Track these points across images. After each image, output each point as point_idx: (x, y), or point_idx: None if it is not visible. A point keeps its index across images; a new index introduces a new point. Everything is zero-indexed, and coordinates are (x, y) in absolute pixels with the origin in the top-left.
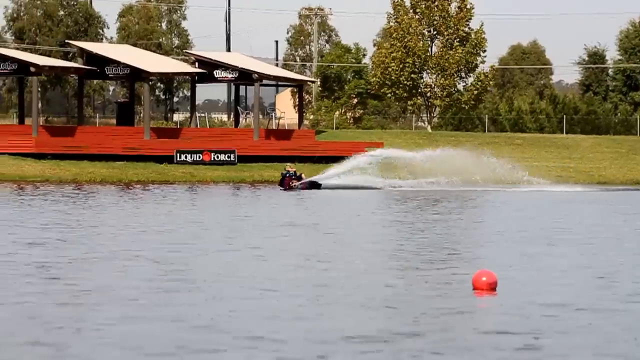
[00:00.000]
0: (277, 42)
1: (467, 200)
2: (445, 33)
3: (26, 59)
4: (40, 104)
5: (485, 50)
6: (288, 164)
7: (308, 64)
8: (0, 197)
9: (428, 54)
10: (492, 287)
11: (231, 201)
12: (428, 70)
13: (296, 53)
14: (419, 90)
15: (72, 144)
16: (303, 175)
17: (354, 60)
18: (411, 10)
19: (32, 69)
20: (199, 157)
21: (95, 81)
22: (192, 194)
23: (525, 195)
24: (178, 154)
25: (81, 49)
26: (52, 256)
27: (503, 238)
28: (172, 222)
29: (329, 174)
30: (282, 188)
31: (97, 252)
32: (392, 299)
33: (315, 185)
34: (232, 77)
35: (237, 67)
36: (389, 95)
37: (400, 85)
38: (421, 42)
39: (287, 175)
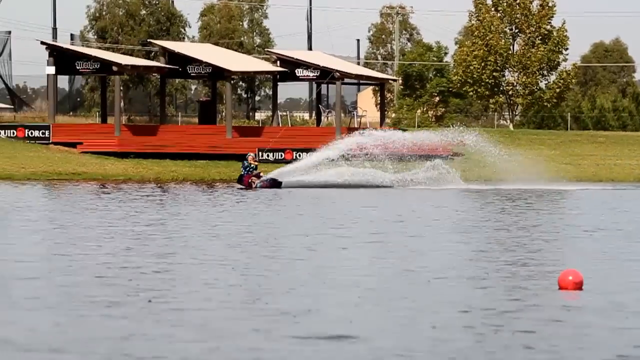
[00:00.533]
0: (358, 40)
1: (539, 198)
2: (527, 31)
3: (108, 58)
4: (122, 103)
5: (567, 48)
6: (251, 154)
7: (389, 62)
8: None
9: (510, 52)
10: (578, 287)
11: (313, 202)
12: (510, 69)
13: (377, 51)
14: (501, 88)
15: (154, 143)
16: (261, 173)
17: (435, 59)
18: (493, 9)
19: (115, 68)
20: (281, 155)
21: (177, 80)
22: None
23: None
24: (260, 153)
25: (163, 48)
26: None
27: (587, 236)
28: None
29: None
30: (241, 186)
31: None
32: (476, 296)
33: (276, 184)
34: (313, 76)
35: (319, 65)
36: (471, 93)
37: (482, 84)
38: (503, 40)
39: (248, 172)
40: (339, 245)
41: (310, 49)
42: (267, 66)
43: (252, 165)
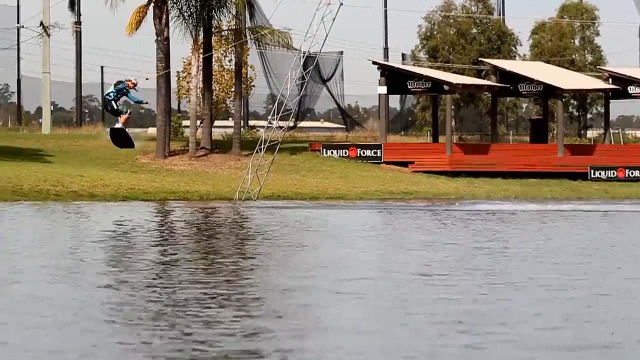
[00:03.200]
0: None
1: None
2: None
3: (440, 77)
4: (453, 122)
5: None
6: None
7: None
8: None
9: None
10: None
11: None
12: None
13: None
14: None
15: (485, 162)
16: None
17: None
18: None
19: (446, 87)
20: (613, 173)
21: (508, 98)
22: None
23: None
24: (592, 171)
25: (494, 67)
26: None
27: None
28: None
29: None
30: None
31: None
32: None
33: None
34: None
35: None
36: None
37: None
38: None
39: (117, 96)
40: None
41: None
42: (599, 84)
43: (126, 92)
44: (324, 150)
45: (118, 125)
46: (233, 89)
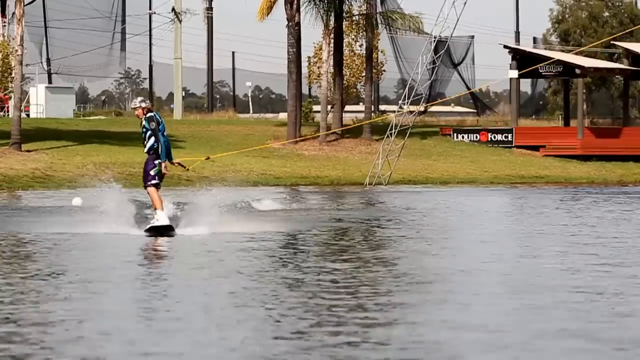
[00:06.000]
0: None
1: None
2: None
3: (571, 60)
4: (585, 106)
5: None
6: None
7: None
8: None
9: None
10: None
11: None
12: None
13: None
14: None
15: (617, 145)
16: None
17: None
18: None
19: (577, 71)
20: None
21: None
22: None
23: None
24: None
25: (626, 50)
26: None
27: None
28: None
29: None
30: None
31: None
32: None
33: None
34: None
35: None
36: None
37: None
38: None
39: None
40: None
41: None
42: None
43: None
44: (455, 134)
45: (159, 222)
46: (364, 74)
